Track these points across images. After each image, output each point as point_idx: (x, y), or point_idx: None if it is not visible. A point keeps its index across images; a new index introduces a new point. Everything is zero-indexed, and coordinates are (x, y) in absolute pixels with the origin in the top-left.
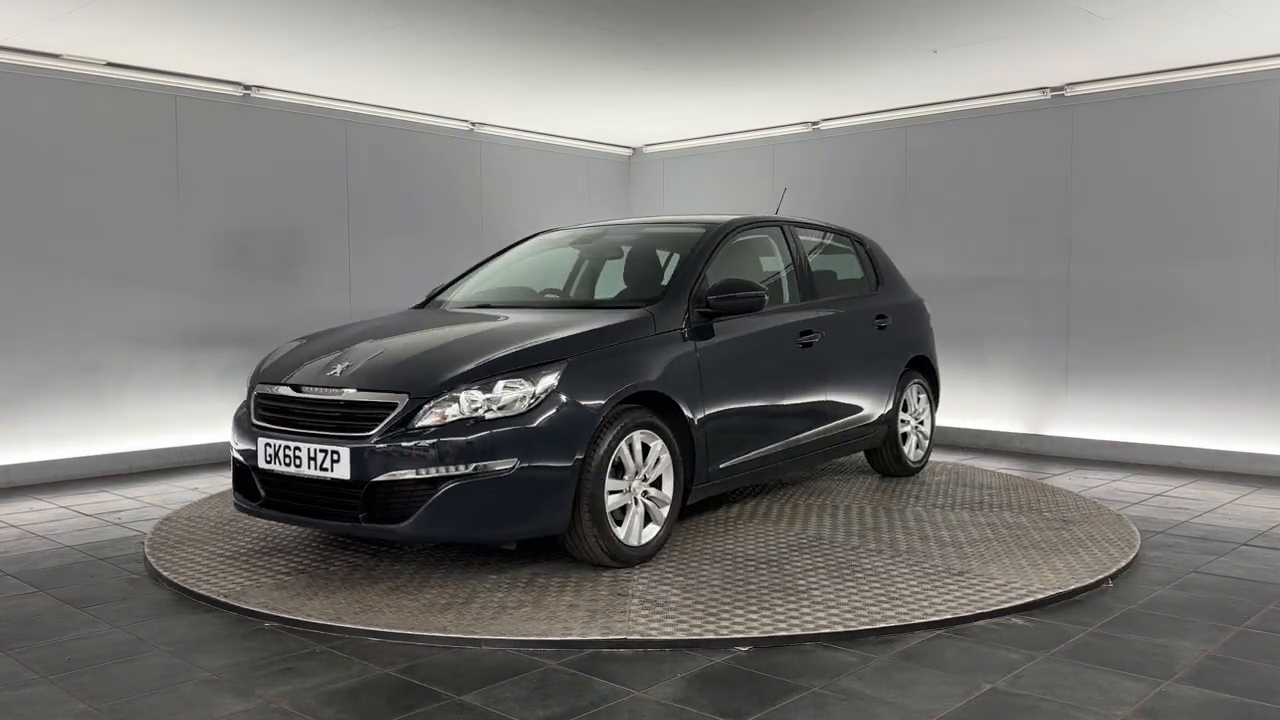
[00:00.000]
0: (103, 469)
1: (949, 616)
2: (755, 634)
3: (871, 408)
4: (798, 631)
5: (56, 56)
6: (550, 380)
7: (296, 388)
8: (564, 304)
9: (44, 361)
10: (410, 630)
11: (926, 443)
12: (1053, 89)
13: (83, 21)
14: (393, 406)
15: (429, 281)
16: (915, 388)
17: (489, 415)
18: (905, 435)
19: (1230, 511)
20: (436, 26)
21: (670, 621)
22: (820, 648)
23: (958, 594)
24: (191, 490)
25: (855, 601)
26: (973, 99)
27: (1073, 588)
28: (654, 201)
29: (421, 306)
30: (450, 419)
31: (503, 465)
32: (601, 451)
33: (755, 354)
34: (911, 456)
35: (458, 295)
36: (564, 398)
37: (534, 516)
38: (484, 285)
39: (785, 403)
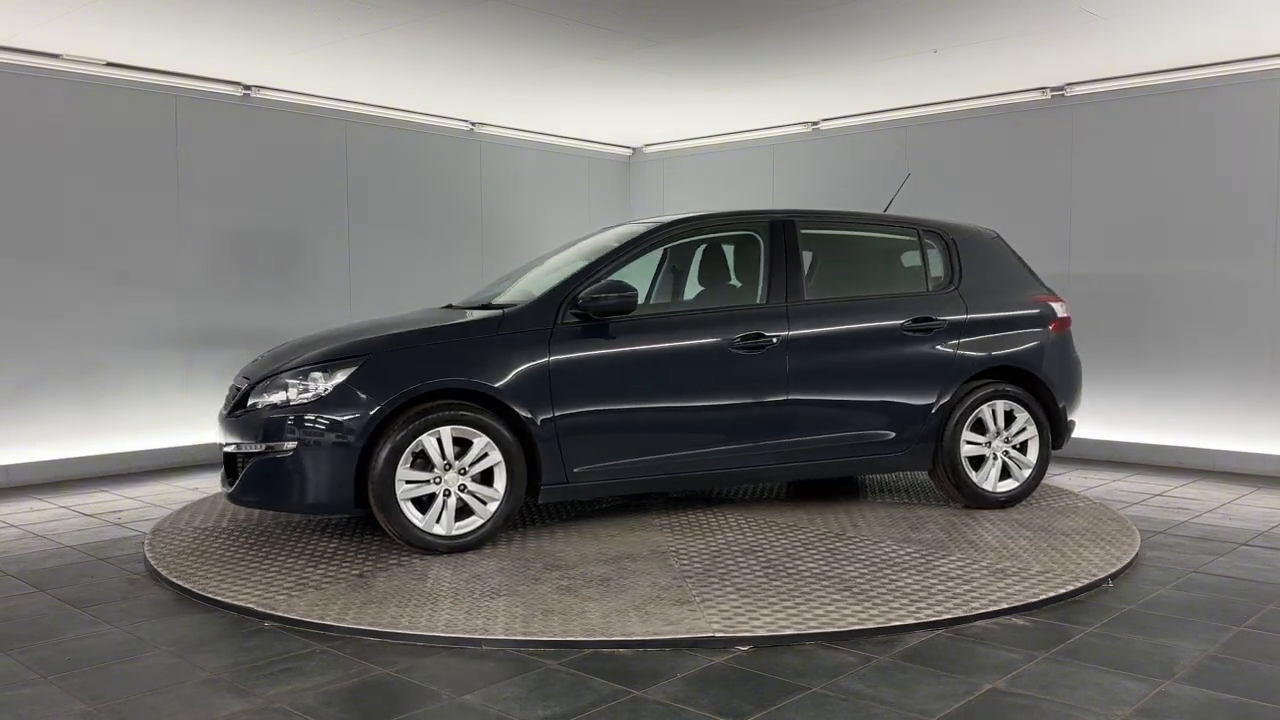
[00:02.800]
0: (103, 469)
1: (949, 616)
2: (756, 634)
3: (889, 423)
4: (798, 631)
5: (56, 56)
6: (342, 375)
7: (240, 377)
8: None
9: (44, 361)
10: (410, 630)
11: (1026, 473)
12: (1053, 89)
13: (83, 21)
14: (240, 390)
15: (429, 281)
16: (1001, 405)
17: (294, 402)
18: (979, 460)
19: (1230, 511)
20: (436, 26)
21: (336, 608)
22: (820, 648)
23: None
24: (191, 490)
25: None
26: (973, 99)
27: (1073, 588)
28: (654, 201)
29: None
30: (273, 403)
31: (286, 446)
32: (393, 441)
33: (653, 359)
34: (989, 486)
35: (471, 294)
36: (352, 390)
37: (316, 495)
38: (499, 286)
39: (705, 411)
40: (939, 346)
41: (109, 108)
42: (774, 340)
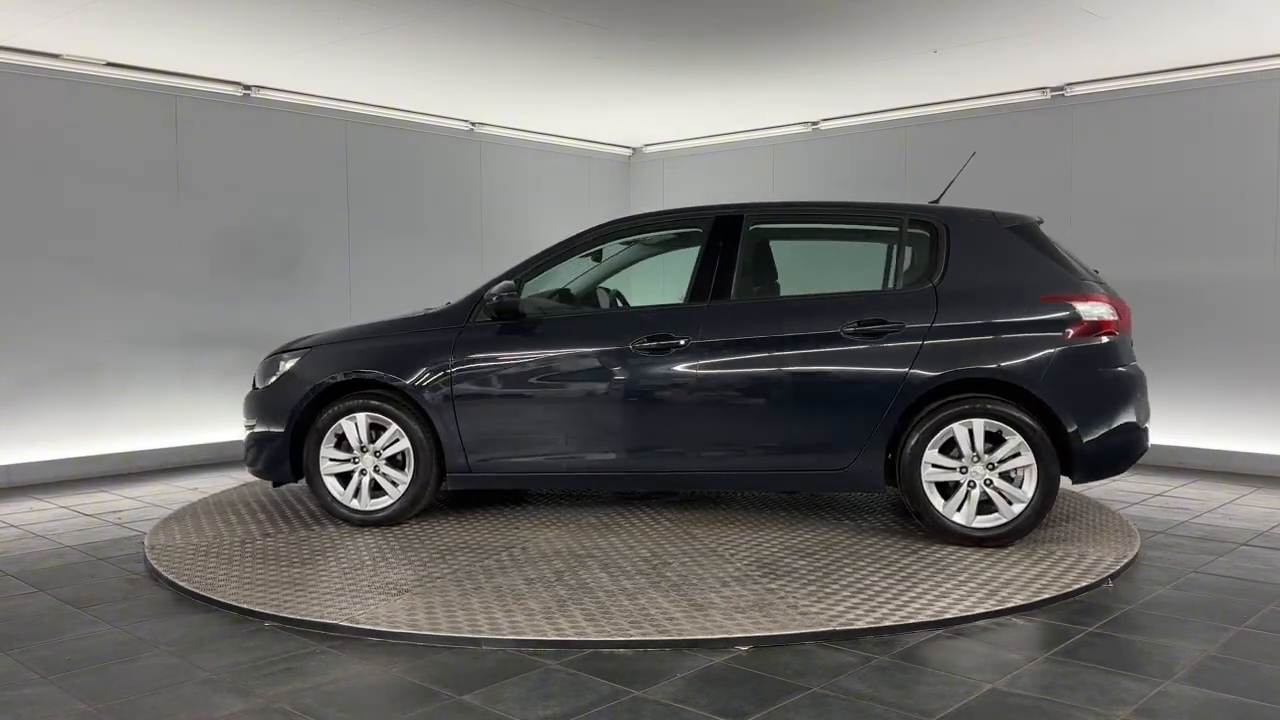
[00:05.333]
0: (103, 469)
1: (949, 616)
2: (756, 634)
3: (817, 438)
4: (798, 631)
5: (56, 56)
6: (289, 364)
7: None
8: None
9: (44, 361)
10: (410, 630)
11: (1016, 508)
12: (1053, 89)
13: (83, 21)
14: None
15: (429, 281)
16: (980, 424)
17: (261, 385)
18: (951, 486)
19: (1230, 511)
20: (436, 26)
21: (177, 570)
22: (820, 648)
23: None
24: (191, 490)
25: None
26: (973, 99)
27: (1073, 588)
28: (654, 202)
29: None
30: (255, 385)
31: (251, 423)
32: (318, 424)
33: (549, 358)
34: (960, 519)
35: None
36: (290, 378)
37: (269, 466)
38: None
39: (601, 412)
40: (891, 353)
41: (109, 108)
42: (681, 343)
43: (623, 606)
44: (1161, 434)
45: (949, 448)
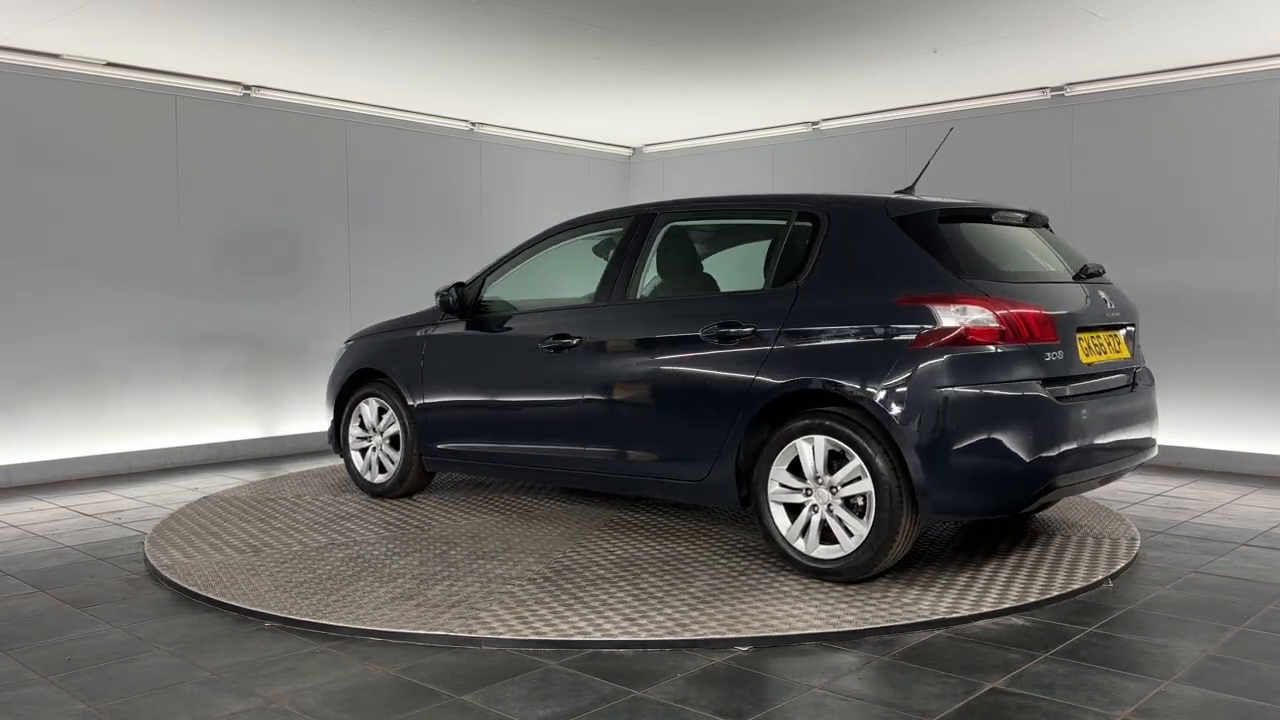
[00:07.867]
0: (103, 469)
1: (949, 616)
2: (754, 634)
3: (674, 448)
4: (798, 631)
5: (56, 56)
6: (341, 351)
7: None
8: None
9: (44, 361)
10: (410, 630)
11: (852, 542)
12: (1053, 89)
13: (83, 21)
14: None
15: (429, 281)
16: (822, 441)
17: (331, 372)
18: (794, 508)
19: (1230, 511)
20: (436, 26)
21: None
22: (820, 648)
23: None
24: (191, 490)
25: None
26: (973, 99)
27: (1073, 588)
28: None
29: None
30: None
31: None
32: (346, 407)
33: (488, 353)
34: (802, 546)
35: None
36: (340, 366)
37: (336, 443)
38: None
39: (518, 409)
40: (740, 358)
41: (109, 108)
42: (574, 343)
43: (351, 593)
44: (1162, 434)
45: (800, 467)
